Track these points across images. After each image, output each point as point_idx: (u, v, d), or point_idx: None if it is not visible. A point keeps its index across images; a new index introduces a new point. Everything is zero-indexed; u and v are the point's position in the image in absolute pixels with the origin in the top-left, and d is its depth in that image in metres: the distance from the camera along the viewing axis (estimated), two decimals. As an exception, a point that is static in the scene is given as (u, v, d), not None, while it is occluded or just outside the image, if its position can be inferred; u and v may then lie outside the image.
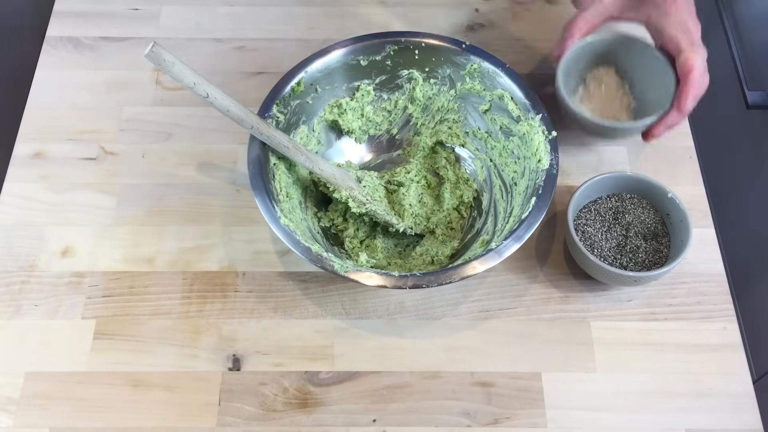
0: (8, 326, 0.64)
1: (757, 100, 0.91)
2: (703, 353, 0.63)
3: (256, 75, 0.79)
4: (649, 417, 0.61)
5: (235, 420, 0.60)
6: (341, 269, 0.57)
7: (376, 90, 0.71)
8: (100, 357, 0.63)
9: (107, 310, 0.65)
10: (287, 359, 0.63)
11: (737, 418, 0.61)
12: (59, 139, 0.74)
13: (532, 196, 0.61)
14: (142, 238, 0.69)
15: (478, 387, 0.62)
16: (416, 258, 0.67)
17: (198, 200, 0.71)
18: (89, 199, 0.71)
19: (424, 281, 0.57)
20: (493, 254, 0.58)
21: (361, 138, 0.73)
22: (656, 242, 0.65)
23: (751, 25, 0.98)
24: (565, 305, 0.66)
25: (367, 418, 0.61)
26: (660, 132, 0.67)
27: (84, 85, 0.78)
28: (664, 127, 0.66)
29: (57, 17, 0.83)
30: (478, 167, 0.72)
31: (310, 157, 0.63)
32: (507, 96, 0.67)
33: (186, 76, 0.55)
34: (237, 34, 0.82)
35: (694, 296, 0.66)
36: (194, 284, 0.66)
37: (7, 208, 0.70)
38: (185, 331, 0.64)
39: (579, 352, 0.63)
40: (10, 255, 0.67)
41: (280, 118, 0.66)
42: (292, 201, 0.65)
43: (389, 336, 0.64)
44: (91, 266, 0.67)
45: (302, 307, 0.66)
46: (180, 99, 0.77)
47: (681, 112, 0.64)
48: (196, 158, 0.74)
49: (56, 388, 0.61)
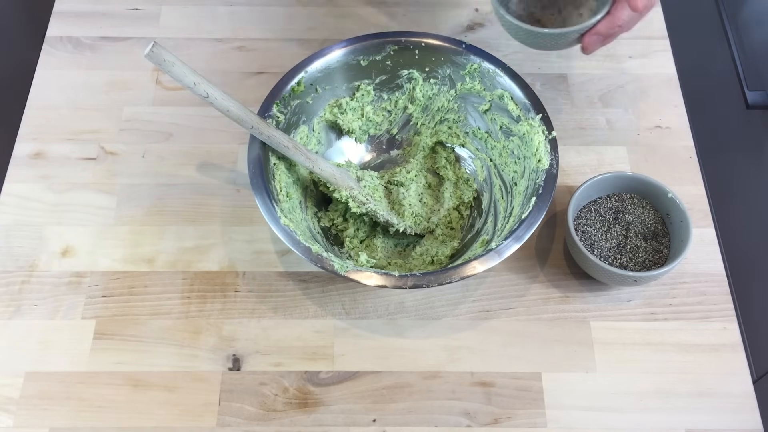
0: (8, 326, 0.64)
1: (757, 100, 0.91)
2: (703, 353, 0.63)
3: (256, 75, 0.79)
4: (648, 417, 0.61)
5: (235, 420, 0.60)
6: (341, 269, 0.57)
7: (376, 90, 0.71)
8: (100, 357, 0.63)
9: (107, 310, 0.65)
10: (287, 359, 0.63)
11: (737, 418, 0.61)
12: (59, 139, 0.74)
13: (532, 196, 0.61)
14: (142, 238, 0.69)
15: (478, 387, 0.62)
16: (416, 258, 0.68)
17: (198, 200, 0.71)
18: (89, 199, 0.71)
19: (424, 281, 0.57)
20: (493, 254, 0.58)
21: (361, 138, 0.73)
22: (656, 242, 0.65)
23: (751, 25, 0.98)
24: (565, 305, 0.66)
25: (367, 418, 0.61)
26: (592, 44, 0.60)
27: (84, 85, 0.78)
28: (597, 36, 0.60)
29: (57, 17, 0.83)
30: (478, 167, 0.72)
31: (310, 157, 0.63)
32: (507, 96, 0.67)
33: (186, 76, 0.55)
34: (237, 34, 0.82)
35: (694, 296, 0.66)
36: (194, 284, 0.66)
37: (7, 208, 0.70)
38: (185, 331, 0.64)
39: (579, 352, 0.63)
40: (10, 255, 0.68)
41: (280, 118, 0.66)
42: (292, 201, 0.65)
43: (389, 336, 0.64)
44: (91, 266, 0.67)
45: (302, 307, 0.66)
46: (180, 99, 0.77)
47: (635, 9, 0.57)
48: (196, 158, 0.74)
49: (56, 388, 0.61)
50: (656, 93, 0.78)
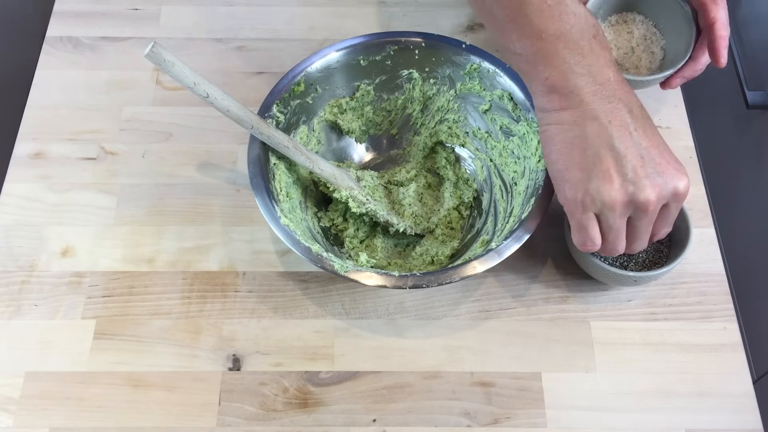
0: (8, 326, 0.64)
1: (757, 100, 0.91)
2: (703, 353, 0.63)
3: (256, 75, 0.79)
4: (648, 417, 0.61)
5: (235, 420, 0.60)
6: (341, 269, 0.57)
7: (376, 90, 0.71)
8: (100, 357, 0.63)
9: (107, 310, 0.65)
10: (287, 359, 0.63)
11: (737, 418, 0.61)
12: (59, 139, 0.74)
13: (532, 196, 0.61)
14: (142, 238, 0.69)
15: (478, 387, 0.62)
16: (416, 258, 0.68)
17: (198, 200, 0.71)
18: (89, 199, 0.71)
19: (424, 281, 0.57)
20: (493, 254, 0.58)
21: (361, 138, 0.73)
22: (656, 242, 0.65)
23: (751, 25, 0.98)
24: (565, 305, 0.66)
25: (367, 418, 0.61)
26: (676, 84, 0.68)
27: (84, 85, 0.78)
28: (681, 78, 0.68)
29: (57, 17, 0.83)
30: (478, 167, 0.72)
31: (310, 157, 0.63)
32: (507, 96, 0.67)
33: (186, 76, 0.55)
34: (237, 34, 0.82)
35: (694, 296, 0.66)
36: (194, 284, 0.66)
37: (7, 208, 0.70)
38: (185, 331, 0.64)
39: (579, 352, 0.63)
40: (10, 255, 0.68)
41: (280, 118, 0.66)
42: (292, 201, 0.65)
43: (389, 336, 0.64)
44: (91, 266, 0.67)
45: (302, 307, 0.66)
46: (180, 99, 0.77)
47: (718, 64, 0.64)
48: (196, 158, 0.74)
49: (56, 388, 0.61)
50: (656, 93, 0.78)
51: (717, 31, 0.63)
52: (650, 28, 0.72)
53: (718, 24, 0.63)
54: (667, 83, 0.68)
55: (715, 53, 0.64)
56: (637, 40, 0.72)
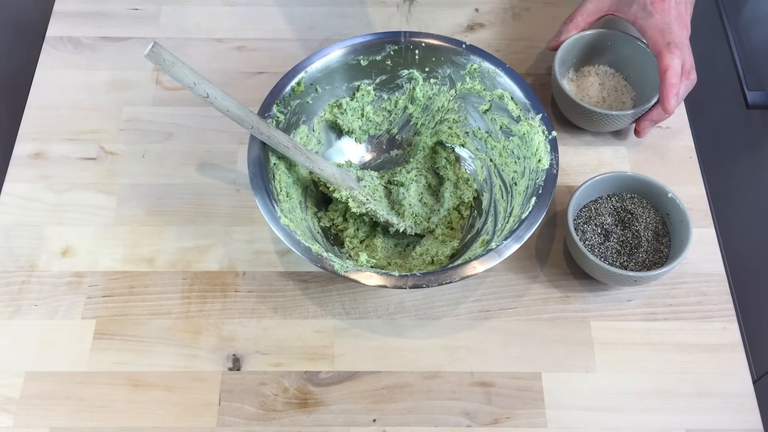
0: (8, 326, 0.64)
1: (757, 100, 0.91)
2: (702, 353, 0.63)
3: (256, 75, 0.79)
4: (648, 417, 0.61)
5: (235, 420, 0.60)
6: (341, 269, 0.57)
7: (376, 90, 0.71)
8: (100, 357, 0.63)
9: (107, 310, 0.65)
10: (287, 359, 0.63)
11: (737, 418, 0.61)
12: (59, 139, 0.74)
13: (532, 196, 0.61)
14: (142, 238, 0.69)
15: (478, 387, 0.62)
16: (416, 258, 0.68)
17: (198, 200, 0.71)
18: (89, 199, 0.71)
19: (424, 281, 0.57)
20: (493, 254, 0.58)
21: (361, 138, 0.73)
22: (656, 242, 0.65)
23: (751, 25, 0.98)
24: (565, 305, 0.66)
25: (367, 418, 0.61)
26: (645, 126, 0.71)
27: (84, 85, 0.78)
28: (649, 122, 0.71)
29: (57, 17, 0.83)
30: (478, 167, 0.72)
31: (310, 157, 0.63)
32: (507, 96, 0.67)
33: (186, 76, 0.55)
34: (237, 34, 0.82)
35: (694, 296, 0.66)
36: (194, 284, 0.66)
37: (7, 208, 0.70)
38: (185, 331, 0.64)
39: (579, 352, 0.63)
40: (10, 255, 0.68)
41: (280, 118, 0.66)
42: (292, 201, 0.65)
43: (389, 336, 0.64)
44: (91, 266, 0.67)
45: (302, 307, 0.66)
46: (180, 99, 0.77)
47: (665, 111, 0.67)
48: (196, 158, 0.74)
49: (56, 388, 0.61)
50: (656, 93, 0.78)
51: (668, 79, 0.66)
52: (620, 80, 0.76)
53: (670, 72, 0.66)
54: (636, 128, 0.72)
55: (662, 100, 0.67)
56: (608, 90, 0.75)
